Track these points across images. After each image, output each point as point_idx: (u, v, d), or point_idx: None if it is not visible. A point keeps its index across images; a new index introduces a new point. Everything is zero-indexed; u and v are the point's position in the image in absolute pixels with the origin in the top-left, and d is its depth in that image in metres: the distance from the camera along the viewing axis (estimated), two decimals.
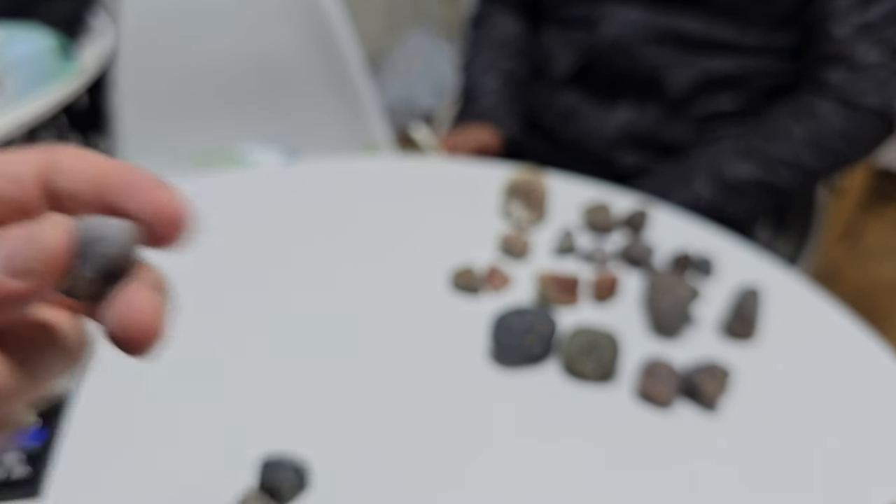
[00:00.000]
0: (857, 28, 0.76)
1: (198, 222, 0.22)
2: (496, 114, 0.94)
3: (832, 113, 0.78)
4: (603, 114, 0.89)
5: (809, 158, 0.78)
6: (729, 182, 0.79)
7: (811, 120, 0.78)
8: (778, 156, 0.78)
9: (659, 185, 0.82)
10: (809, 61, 0.81)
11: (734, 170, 0.79)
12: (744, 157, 0.79)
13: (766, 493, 0.42)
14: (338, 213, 0.68)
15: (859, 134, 0.78)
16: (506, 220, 0.67)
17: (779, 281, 0.59)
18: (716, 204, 0.80)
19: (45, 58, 0.85)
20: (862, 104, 0.77)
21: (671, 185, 0.81)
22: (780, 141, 0.79)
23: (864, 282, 1.74)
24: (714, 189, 0.79)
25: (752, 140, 0.80)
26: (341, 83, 1.24)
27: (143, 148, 1.23)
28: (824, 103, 0.78)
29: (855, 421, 0.47)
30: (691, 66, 0.83)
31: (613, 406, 0.47)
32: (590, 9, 0.87)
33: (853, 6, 0.76)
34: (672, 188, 0.81)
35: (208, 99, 1.26)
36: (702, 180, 0.80)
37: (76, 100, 1.06)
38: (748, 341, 0.53)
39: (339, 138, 1.26)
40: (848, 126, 0.78)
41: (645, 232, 0.64)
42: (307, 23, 1.21)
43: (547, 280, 0.55)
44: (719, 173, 0.79)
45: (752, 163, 0.79)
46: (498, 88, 0.95)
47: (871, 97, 0.77)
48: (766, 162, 0.79)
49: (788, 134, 0.79)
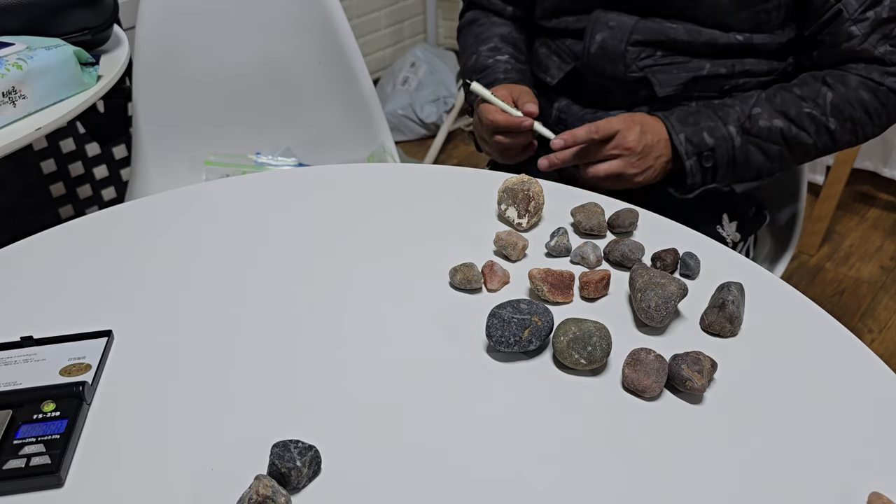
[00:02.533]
0: (872, 25, 0.80)
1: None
2: (511, 76, 0.94)
3: (859, 84, 0.82)
4: (596, 117, 0.92)
5: (833, 123, 0.82)
6: (761, 130, 0.82)
7: (841, 87, 0.82)
8: (809, 114, 0.82)
9: (689, 114, 0.84)
10: (826, 59, 0.85)
11: (769, 120, 0.82)
12: (777, 110, 0.83)
13: (751, 485, 0.44)
14: (341, 215, 0.71)
15: (878, 110, 0.82)
16: (501, 221, 0.70)
17: (762, 280, 0.61)
18: (742, 147, 0.83)
19: (64, 67, 0.88)
20: (884, 83, 0.81)
21: (703, 118, 0.83)
22: (812, 102, 0.82)
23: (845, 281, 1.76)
24: (744, 133, 0.83)
25: (787, 96, 0.83)
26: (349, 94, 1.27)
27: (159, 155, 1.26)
28: (853, 76, 0.82)
29: (836, 416, 0.48)
30: (680, 67, 0.87)
31: (603, 397, 0.50)
32: (580, 18, 0.90)
33: (865, 6, 0.80)
34: (703, 122, 0.83)
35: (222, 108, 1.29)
36: (735, 124, 0.83)
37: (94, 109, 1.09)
38: (732, 339, 0.55)
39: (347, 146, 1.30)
40: (871, 99, 0.82)
41: (635, 232, 0.67)
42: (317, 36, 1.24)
43: (541, 279, 0.58)
44: (752, 119, 0.82)
45: (784, 117, 0.82)
46: (508, 60, 0.97)
47: (893, 79, 0.81)
48: (797, 118, 0.82)
49: (821, 95, 0.82)
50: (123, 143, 1.58)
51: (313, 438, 0.45)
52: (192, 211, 0.71)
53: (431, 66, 2.44)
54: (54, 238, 0.67)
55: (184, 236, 0.67)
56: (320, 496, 0.42)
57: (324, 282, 0.61)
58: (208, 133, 1.28)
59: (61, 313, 0.57)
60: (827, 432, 0.47)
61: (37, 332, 0.55)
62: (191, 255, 0.65)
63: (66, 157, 1.50)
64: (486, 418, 0.48)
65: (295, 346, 0.54)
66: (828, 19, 0.82)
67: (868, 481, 0.44)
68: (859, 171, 2.01)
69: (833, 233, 1.91)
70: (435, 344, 0.54)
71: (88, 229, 0.68)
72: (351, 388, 0.50)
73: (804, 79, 0.85)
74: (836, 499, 0.43)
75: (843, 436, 0.47)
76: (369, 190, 0.75)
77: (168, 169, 1.25)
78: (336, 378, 0.51)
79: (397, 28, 2.57)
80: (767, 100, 0.83)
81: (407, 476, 0.44)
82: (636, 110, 0.90)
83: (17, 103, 0.83)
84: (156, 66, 1.20)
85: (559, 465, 0.44)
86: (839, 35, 0.82)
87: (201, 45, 1.22)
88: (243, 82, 1.26)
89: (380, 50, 2.53)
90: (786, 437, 0.47)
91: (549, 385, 0.50)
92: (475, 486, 0.43)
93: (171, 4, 1.19)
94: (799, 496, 0.43)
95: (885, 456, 0.45)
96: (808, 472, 0.44)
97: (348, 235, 0.67)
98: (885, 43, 0.80)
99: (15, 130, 0.81)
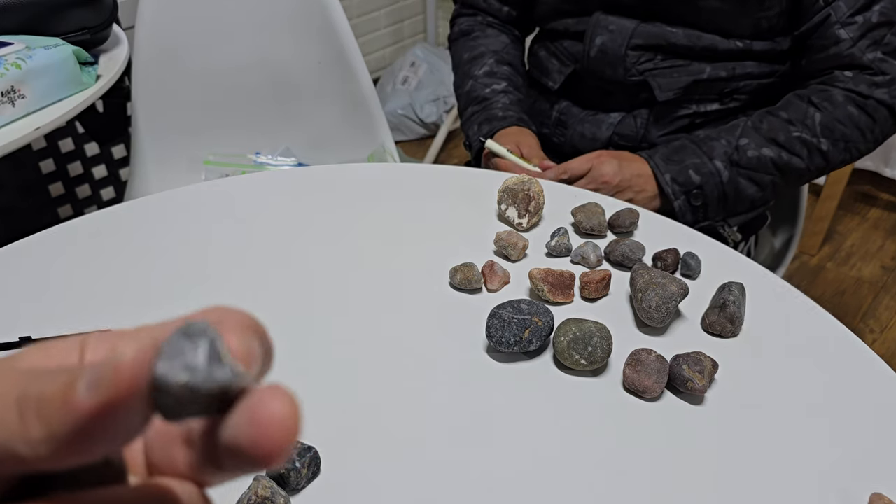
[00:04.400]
0: (861, 29, 0.79)
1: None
2: (518, 114, 0.94)
3: (846, 101, 0.80)
4: (596, 120, 0.92)
5: (825, 144, 0.80)
6: (751, 161, 0.81)
7: (829, 106, 0.80)
8: (799, 138, 0.80)
9: (673, 153, 0.83)
10: (815, 65, 0.83)
11: (757, 150, 0.81)
12: (766, 137, 0.81)
13: (752, 485, 0.43)
14: (341, 215, 0.70)
15: (869, 124, 0.81)
16: (501, 221, 0.69)
17: (763, 280, 0.61)
18: (731, 181, 0.81)
19: (63, 67, 0.88)
20: (873, 96, 0.79)
21: (688, 155, 0.82)
22: (801, 125, 0.81)
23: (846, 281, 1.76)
24: (734, 167, 0.81)
25: (774, 122, 0.81)
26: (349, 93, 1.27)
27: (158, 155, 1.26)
28: (838, 91, 0.81)
29: (837, 416, 0.48)
30: (680, 70, 0.86)
31: (604, 398, 0.50)
32: (580, 21, 0.90)
33: (857, 9, 0.78)
34: (688, 159, 0.82)
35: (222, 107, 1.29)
36: (722, 158, 0.81)
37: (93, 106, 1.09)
38: (733, 340, 0.55)
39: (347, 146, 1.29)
40: (859, 115, 0.80)
41: (635, 232, 0.67)
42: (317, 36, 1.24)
43: (542, 279, 0.57)
44: (740, 150, 0.81)
45: (774, 144, 0.81)
46: (507, 89, 0.96)
47: (881, 91, 0.79)
48: (786, 144, 0.80)
49: (809, 116, 0.81)
50: (122, 142, 1.57)
51: (312, 439, 0.45)
52: (192, 211, 0.71)
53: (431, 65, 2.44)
54: (53, 238, 0.67)
55: (183, 236, 0.67)
56: (319, 497, 0.42)
57: (323, 282, 0.61)
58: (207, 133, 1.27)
59: (60, 313, 0.57)
60: (828, 433, 0.47)
61: (35, 332, 0.55)
62: (190, 255, 0.64)
63: (65, 156, 1.49)
64: (487, 418, 0.48)
65: (294, 345, 0.54)
66: (817, 22, 0.81)
67: (869, 482, 0.44)
68: (860, 171, 2.01)
69: (834, 233, 1.91)
70: (435, 344, 0.54)
71: (87, 229, 0.68)
72: (350, 389, 0.50)
73: (789, 100, 0.83)
74: (836, 499, 0.42)
75: (845, 436, 0.47)
76: (369, 190, 0.75)
77: (167, 169, 1.24)
78: (335, 378, 0.51)
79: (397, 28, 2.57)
80: (754, 128, 0.82)
81: (406, 476, 0.43)
82: (636, 113, 0.90)
83: (17, 103, 0.83)
84: (155, 65, 1.20)
85: (559, 465, 0.44)
86: (827, 39, 0.80)
87: (201, 45, 1.22)
88: (243, 81, 1.26)
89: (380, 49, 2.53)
90: (786, 437, 0.47)
91: (550, 385, 0.50)
92: (475, 486, 0.43)
93: (170, 4, 1.19)
94: (800, 497, 0.43)
95: (887, 456, 0.45)
96: (809, 473, 0.44)
97: (348, 236, 0.67)
98: (875, 49, 0.79)
99: (14, 130, 0.81)
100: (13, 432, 0.15)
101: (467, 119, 0.97)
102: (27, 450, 0.15)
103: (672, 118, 0.89)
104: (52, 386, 0.15)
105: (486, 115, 0.94)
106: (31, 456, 0.15)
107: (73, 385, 0.15)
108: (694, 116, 0.89)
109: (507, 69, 0.98)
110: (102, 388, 0.14)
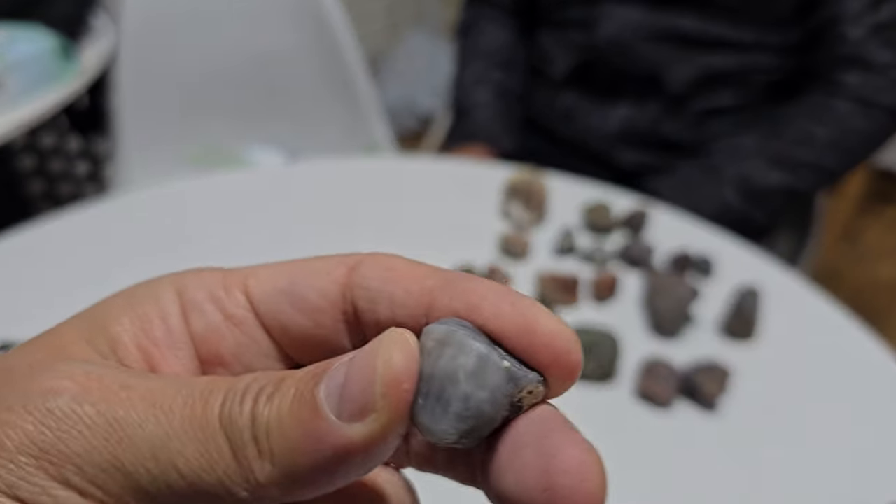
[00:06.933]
0: (870, 29, 0.77)
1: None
2: (490, 130, 0.93)
3: (851, 113, 0.78)
4: (603, 112, 0.89)
5: (831, 160, 0.79)
6: (759, 190, 0.79)
7: (833, 122, 0.78)
8: (805, 160, 0.79)
9: (682, 187, 0.82)
10: (821, 62, 0.81)
11: (764, 177, 0.79)
12: (773, 163, 0.79)
13: (766, 495, 0.42)
14: (337, 213, 0.68)
15: (876, 133, 0.79)
16: (506, 220, 0.67)
17: (778, 281, 0.59)
18: (745, 212, 0.80)
19: (46, 58, 0.85)
20: (879, 103, 0.78)
21: (696, 188, 0.81)
22: (806, 145, 0.79)
23: (863, 282, 1.74)
24: (744, 197, 0.80)
25: (778, 145, 0.80)
26: (342, 84, 1.24)
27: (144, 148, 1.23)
28: (842, 103, 0.78)
29: (854, 421, 0.47)
30: (690, 62, 0.84)
31: (614, 406, 0.47)
32: (588, 10, 0.87)
33: (866, 7, 0.76)
34: (698, 193, 0.81)
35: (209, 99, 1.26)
36: (731, 188, 0.80)
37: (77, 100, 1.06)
38: (748, 341, 0.53)
39: (340, 139, 1.27)
40: (866, 125, 0.78)
41: (644, 232, 0.65)
42: (308, 23, 1.21)
43: (547, 280, 0.55)
44: (748, 180, 0.80)
45: (782, 169, 0.79)
46: (490, 101, 0.94)
47: (887, 95, 0.77)
48: (794, 167, 0.79)
49: (813, 137, 0.79)
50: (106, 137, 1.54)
51: None
52: (178, 207, 0.69)
53: (429, 56, 2.40)
54: (35, 237, 0.64)
55: (169, 233, 0.64)
56: None
57: None
58: (195, 127, 1.24)
59: (41, 314, 0.54)
60: (846, 439, 0.45)
61: (15, 333, 0.52)
62: (177, 253, 0.62)
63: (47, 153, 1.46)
64: None
65: None
66: (828, 17, 0.78)
67: (890, 493, 0.42)
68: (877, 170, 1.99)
69: (851, 232, 1.89)
70: None
71: (70, 227, 0.65)
72: None
73: (791, 119, 0.81)
74: None
75: (864, 443, 0.45)
76: (364, 184, 0.72)
77: (153, 164, 1.21)
78: None
79: (394, 18, 2.53)
80: (759, 153, 0.80)
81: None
82: (645, 104, 0.88)
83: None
84: (141, 57, 1.17)
85: None
86: (837, 35, 0.78)
87: (188, 36, 1.19)
88: (231, 73, 1.23)
89: (375, 40, 2.50)
90: (803, 445, 0.45)
91: None
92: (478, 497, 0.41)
93: None
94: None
95: None
96: (826, 483, 0.42)
97: (342, 233, 0.65)
98: (885, 49, 0.77)
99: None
100: (226, 470, 0.11)
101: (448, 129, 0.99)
102: (246, 493, 0.11)
103: (685, 113, 0.87)
104: (277, 408, 0.11)
105: (461, 129, 0.95)
106: (252, 499, 0.11)
107: (313, 405, 0.11)
108: (707, 113, 0.86)
109: (499, 75, 0.96)
110: (377, 414, 0.11)
